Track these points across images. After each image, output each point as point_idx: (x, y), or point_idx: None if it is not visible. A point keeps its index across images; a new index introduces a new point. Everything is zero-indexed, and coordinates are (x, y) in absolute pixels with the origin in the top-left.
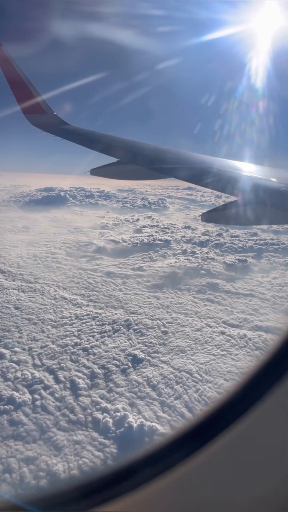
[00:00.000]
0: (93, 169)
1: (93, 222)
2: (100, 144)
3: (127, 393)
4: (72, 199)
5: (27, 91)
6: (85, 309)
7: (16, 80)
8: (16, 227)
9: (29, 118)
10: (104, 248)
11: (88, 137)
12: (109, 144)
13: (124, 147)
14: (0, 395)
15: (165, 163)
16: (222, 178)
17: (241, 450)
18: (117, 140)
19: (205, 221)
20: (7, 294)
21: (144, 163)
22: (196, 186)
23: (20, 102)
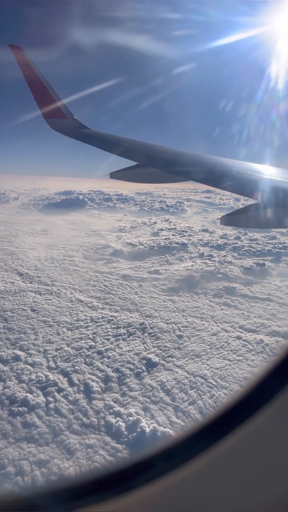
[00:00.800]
0: (113, 173)
1: (110, 225)
2: (120, 147)
3: (140, 397)
4: (91, 202)
5: (48, 95)
6: (101, 312)
7: (37, 84)
8: (34, 230)
9: (50, 122)
10: (121, 251)
11: (108, 141)
12: (128, 148)
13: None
14: (14, 397)
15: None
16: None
17: (243, 455)
18: (136, 144)
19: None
20: (24, 297)
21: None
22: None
23: (41, 106)
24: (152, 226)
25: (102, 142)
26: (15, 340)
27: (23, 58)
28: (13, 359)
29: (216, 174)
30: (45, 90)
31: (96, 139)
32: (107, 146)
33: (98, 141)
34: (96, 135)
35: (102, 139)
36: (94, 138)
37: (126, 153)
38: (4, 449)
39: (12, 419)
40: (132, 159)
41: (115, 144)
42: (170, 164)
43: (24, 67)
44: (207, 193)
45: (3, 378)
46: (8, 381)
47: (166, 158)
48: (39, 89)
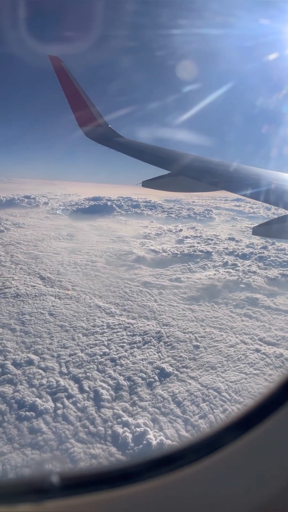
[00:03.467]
0: (145, 181)
1: (136, 231)
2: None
3: (150, 408)
4: (118, 209)
5: (84, 104)
6: (118, 318)
7: (73, 93)
8: (61, 234)
9: (85, 131)
10: (144, 257)
11: (140, 150)
12: (161, 157)
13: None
14: (23, 401)
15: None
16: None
17: (243, 460)
18: (169, 153)
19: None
20: (43, 300)
21: (195, 176)
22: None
23: (76, 115)
24: (177, 233)
25: (135, 150)
26: (30, 344)
27: (61, 67)
28: (26, 363)
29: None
30: (81, 99)
31: (128, 147)
32: (139, 155)
33: (131, 150)
34: (129, 144)
35: (134, 148)
36: (127, 147)
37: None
38: (8, 454)
39: (19, 423)
40: (164, 167)
41: (147, 152)
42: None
43: (61, 76)
44: (237, 202)
45: (15, 382)
46: (19, 385)
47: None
48: (75, 97)
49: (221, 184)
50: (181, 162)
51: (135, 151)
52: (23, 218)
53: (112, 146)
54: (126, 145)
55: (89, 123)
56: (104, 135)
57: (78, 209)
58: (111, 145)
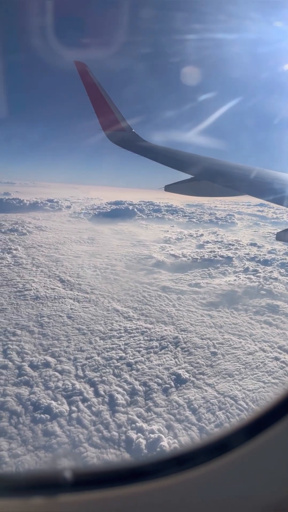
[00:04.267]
0: (168, 186)
1: (156, 236)
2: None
3: (165, 414)
4: (140, 213)
5: (108, 109)
6: (135, 323)
7: (98, 99)
8: (82, 238)
9: (109, 135)
10: (164, 262)
11: (163, 154)
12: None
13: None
14: (38, 403)
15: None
16: None
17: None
18: (192, 157)
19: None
20: (62, 303)
21: (218, 180)
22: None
23: (100, 119)
24: (198, 238)
25: (158, 154)
26: (48, 346)
27: (86, 73)
28: (43, 365)
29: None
30: (105, 104)
31: (151, 151)
32: (162, 159)
33: (154, 154)
34: (152, 148)
35: (157, 152)
36: (150, 151)
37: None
38: (22, 457)
39: (34, 425)
40: (188, 172)
41: (170, 157)
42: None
43: (87, 81)
44: (260, 207)
45: (31, 384)
46: (35, 387)
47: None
48: (99, 102)
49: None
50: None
51: (158, 155)
52: (46, 221)
53: (136, 150)
54: (149, 149)
55: (113, 127)
56: (128, 140)
57: (100, 213)
58: (135, 149)
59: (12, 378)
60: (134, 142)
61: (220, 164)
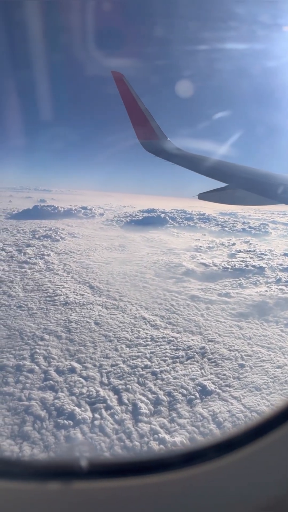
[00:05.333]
0: (201, 194)
1: (187, 244)
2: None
3: (189, 426)
4: (172, 221)
5: (144, 118)
6: (162, 331)
7: (134, 108)
8: (113, 245)
9: (144, 143)
10: (193, 270)
11: (197, 162)
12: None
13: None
14: (62, 409)
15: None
16: None
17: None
18: (227, 165)
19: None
20: (90, 309)
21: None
22: None
23: (135, 128)
24: (229, 247)
25: (192, 163)
26: (74, 352)
27: (123, 83)
28: (68, 370)
29: None
30: (141, 113)
31: (186, 160)
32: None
33: (188, 162)
34: (186, 156)
35: (192, 160)
36: (184, 159)
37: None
38: None
39: (56, 431)
40: (223, 180)
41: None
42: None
43: (123, 91)
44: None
45: (56, 389)
46: (59, 392)
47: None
48: (135, 111)
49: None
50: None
51: (193, 163)
52: (79, 228)
53: (170, 158)
54: (183, 158)
55: (148, 136)
56: (162, 148)
57: (132, 220)
58: (169, 157)
59: (38, 382)
60: (168, 151)
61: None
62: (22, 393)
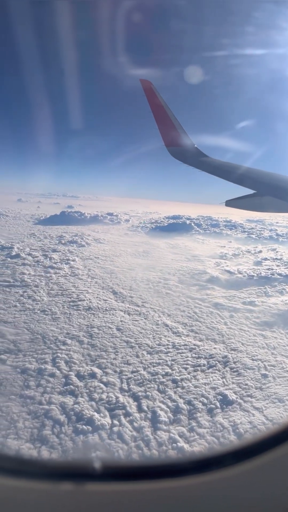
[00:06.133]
0: (229, 201)
1: (212, 251)
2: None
3: (208, 436)
4: (197, 227)
5: (171, 126)
6: (184, 339)
7: (162, 116)
8: (137, 251)
9: (171, 150)
10: (218, 278)
11: (225, 169)
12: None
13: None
14: (81, 414)
15: None
16: None
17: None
18: (256, 172)
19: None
20: (113, 315)
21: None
22: None
23: (163, 135)
24: (256, 254)
25: (220, 170)
26: (95, 357)
27: (151, 90)
28: (89, 375)
29: None
30: (169, 121)
31: (214, 167)
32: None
33: (217, 169)
34: (214, 163)
35: (220, 167)
36: (212, 166)
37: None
38: None
39: (75, 436)
40: (251, 187)
41: (233, 172)
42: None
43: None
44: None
45: (76, 394)
46: (79, 397)
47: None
48: (163, 119)
49: None
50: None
51: (220, 170)
52: (104, 234)
53: (197, 165)
54: (211, 165)
55: (176, 143)
56: (190, 155)
57: (157, 226)
58: (197, 164)
59: (59, 386)
60: (196, 158)
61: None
62: (42, 397)
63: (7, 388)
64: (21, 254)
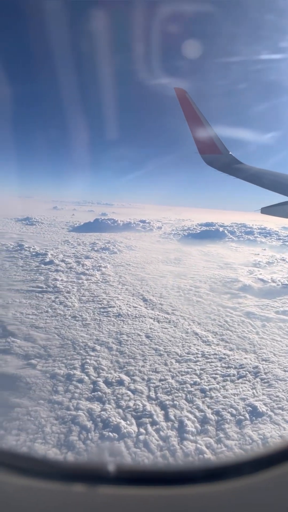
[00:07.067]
0: (264, 208)
1: (246, 259)
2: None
3: (237, 448)
4: (230, 235)
5: (206, 133)
6: (214, 348)
7: (195, 122)
8: (169, 258)
9: (206, 158)
10: (250, 286)
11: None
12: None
13: None
14: (108, 421)
15: None
16: None
17: None
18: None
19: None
20: (142, 322)
21: None
22: None
23: (198, 143)
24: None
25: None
26: (124, 364)
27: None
28: (117, 382)
29: None
30: (203, 128)
31: (250, 174)
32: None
33: (252, 176)
34: (250, 170)
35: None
36: (248, 173)
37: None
38: None
39: (101, 443)
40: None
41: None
42: None
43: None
44: None
45: (103, 400)
46: (107, 404)
47: None
48: (197, 127)
49: None
50: None
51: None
52: (136, 241)
53: (233, 172)
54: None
55: (210, 150)
56: (225, 162)
57: (190, 234)
58: (232, 172)
59: (87, 392)
60: (231, 165)
61: None
62: (70, 403)
63: (36, 393)
64: (55, 260)
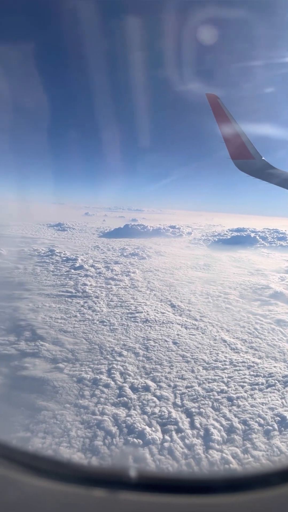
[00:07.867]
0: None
1: (277, 265)
2: None
3: (264, 459)
4: (262, 240)
5: (238, 139)
6: (243, 356)
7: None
8: (198, 264)
9: (237, 163)
10: (282, 293)
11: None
12: None
13: None
14: (133, 427)
15: None
16: None
17: None
18: None
19: None
20: (169, 328)
21: None
22: None
23: (230, 148)
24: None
25: None
26: (150, 370)
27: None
28: (143, 388)
29: None
30: (236, 134)
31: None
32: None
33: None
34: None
35: None
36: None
37: None
38: None
39: (126, 449)
40: None
41: None
42: None
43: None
44: None
45: (129, 406)
46: (132, 410)
47: None
48: (229, 132)
49: None
50: None
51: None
52: (166, 246)
53: (265, 177)
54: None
55: (242, 155)
56: (258, 168)
57: (220, 239)
58: (264, 176)
59: (112, 397)
60: (263, 170)
61: None
62: (96, 407)
63: (63, 397)
64: (85, 265)
